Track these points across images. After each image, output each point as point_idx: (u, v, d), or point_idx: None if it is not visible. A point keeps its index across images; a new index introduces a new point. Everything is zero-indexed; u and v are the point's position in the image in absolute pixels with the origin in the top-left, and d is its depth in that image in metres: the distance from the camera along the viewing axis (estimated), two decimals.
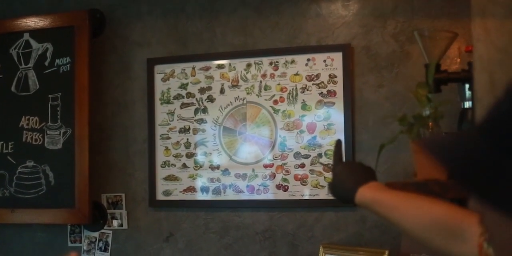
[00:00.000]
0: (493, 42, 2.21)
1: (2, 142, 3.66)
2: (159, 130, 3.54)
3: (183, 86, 3.50)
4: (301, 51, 3.31)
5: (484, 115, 0.89)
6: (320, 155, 3.23)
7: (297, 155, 3.28)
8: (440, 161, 0.90)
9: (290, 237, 3.29)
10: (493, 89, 2.20)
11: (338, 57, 3.24)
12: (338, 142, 1.97)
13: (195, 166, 3.46)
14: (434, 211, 1.54)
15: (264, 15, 3.40)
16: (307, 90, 3.28)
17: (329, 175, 3.20)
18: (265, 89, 3.35)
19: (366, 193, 1.72)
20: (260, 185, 3.33)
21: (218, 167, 3.42)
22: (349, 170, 1.84)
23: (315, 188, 3.24)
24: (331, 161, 3.19)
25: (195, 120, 3.47)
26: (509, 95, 0.87)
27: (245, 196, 3.36)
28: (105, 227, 3.62)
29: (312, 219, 3.26)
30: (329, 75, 3.25)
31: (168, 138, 3.51)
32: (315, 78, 3.27)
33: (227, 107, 3.42)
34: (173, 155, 3.50)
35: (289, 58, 3.33)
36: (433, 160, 0.89)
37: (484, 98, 2.22)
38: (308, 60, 3.29)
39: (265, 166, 3.33)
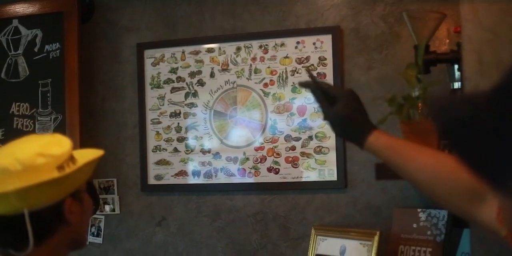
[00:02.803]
0: (481, 22, 2.22)
1: None
2: (150, 115, 3.54)
3: (173, 71, 3.50)
4: (291, 34, 3.31)
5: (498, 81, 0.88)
6: (310, 138, 3.24)
7: (287, 137, 3.29)
8: (435, 121, 0.89)
9: (281, 220, 3.31)
10: (481, 69, 2.21)
11: (327, 39, 3.25)
12: (309, 71, 1.92)
13: (186, 150, 3.46)
14: (453, 169, 1.44)
15: None
16: (297, 73, 3.29)
17: (320, 157, 3.21)
18: (255, 73, 3.35)
19: (381, 137, 1.65)
20: (251, 168, 3.34)
21: (209, 151, 3.43)
22: (356, 108, 1.75)
23: (306, 170, 3.25)
24: (321, 143, 3.21)
25: (185, 104, 3.48)
26: None
27: (237, 179, 3.37)
28: (97, 212, 3.62)
29: (304, 201, 3.27)
30: (319, 58, 3.25)
31: (159, 122, 3.52)
32: (305, 61, 3.28)
33: (217, 91, 3.42)
34: (164, 140, 3.50)
35: (278, 41, 3.33)
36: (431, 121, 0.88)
37: (472, 78, 2.23)
38: (298, 42, 3.29)
39: (256, 149, 3.34)
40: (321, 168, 3.22)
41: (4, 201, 1.54)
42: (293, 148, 3.28)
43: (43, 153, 1.58)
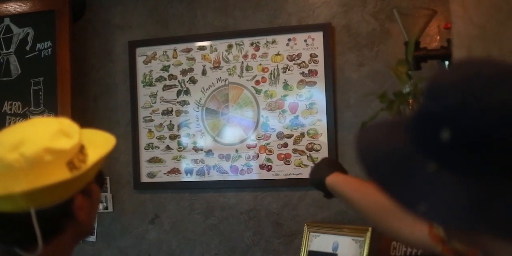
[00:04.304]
0: (471, 18, 2.23)
1: None
2: (142, 113, 3.54)
3: (165, 68, 3.51)
4: (282, 31, 3.32)
5: (413, 112, 0.96)
6: (302, 135, 3.25)
7: (279, 135, 3.30)
8: (362, 164, 0.99)
9: (274, 216, 3.31)
10: None
11: (318, 36, 3.25)
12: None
13: (179, 148, 3.47)
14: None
15: None
16: (289, 70, 3.29)
17: (312, 154, 3.22)
18: (247, 70, 3.36)
19: (336, 176, 1.98)
20: (243, 166, 3.35)
21: (201, 149, 3.43)
22: (321, 163, 2.14)
23: (298, 167, 3.26)
24: (313, 140, 3.22)
25: (177, 102, 3.48)
26: (427, 92, 0.92)
27: (229, 176, 3.38)
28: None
29: (296, 198, 3.28)
30: (310, 55, 3.26)
31: (151, 120, 3.52)
32: (296, 58, 3.28)
33: (209, 88, 3.43)
34: (156, 137, 3.51)
35: (270, 38, 3.33)
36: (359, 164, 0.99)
37: None
38: (289, 40, 3.30)
39: (249, 147, 3.35)
40: (313, 165, 3.22)
41: (10, 201, 1.43)
42: (285, 145, 3.29)
43: (51, 148, 1.44)
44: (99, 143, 1.63)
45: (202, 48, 3.45)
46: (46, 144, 1.45)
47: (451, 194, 0.88)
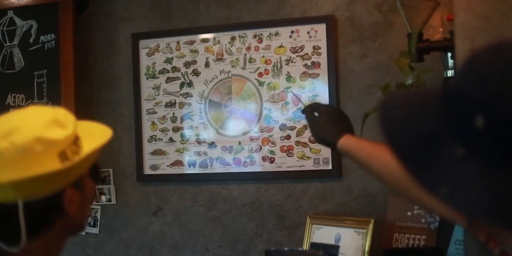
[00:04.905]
0: (474, 10, 2.22)
1: None
2: (145, 105, 3.54)
3: (168, 61, 3.51)
4: (285, 23, 3.32)
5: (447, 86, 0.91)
6: (305, 127, 3.24)
7: (282, 127, 3.30)
8: (380, 124, 0.94)
9: (277, 209, 3.32)
10: None
11: (321, 28, 3.25)
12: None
13: (182, 140, 3.47)
14: None
15: None
16: (292, 62, 3.29)
17: (315, 145, 3.22)
18: (250, 62, 3.36)
19: (349, 139, 1.85)
20: (246, 158, 3.35)
21: (204, 141, 3.43)
22: (332, 117, 1.97)
23: (301, 159, 3.26)
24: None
25: (180, 94, 3.48)
26: (466, 72, 0.89)
27: (232, 169, 3.38)
28: (94, 203, 3.63)
29: (299, 190, 3.28)
30: (313, 47, 3.26)
31: (155, 112, 3.52)
32: (299, 50, 3.28)
33: (212, 80, 3.43)
34: (159, 130, 3.51)
35: (273, 30, 3.33)
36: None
37: None
38: (292, 32, 3.30)
39: (251, 139, 3.35)
40: (316, 157, 3.23)
41: None
42: (288, 137, 3.29)
43: (42, 138, 1.39)
44: (95, 136, 1.58)
45: (205, 40, 3.45)
46: (38, 133, 1.40)
47: (476, 182, 0.85)
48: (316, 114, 2.01)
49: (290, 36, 3.30)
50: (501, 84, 0.82)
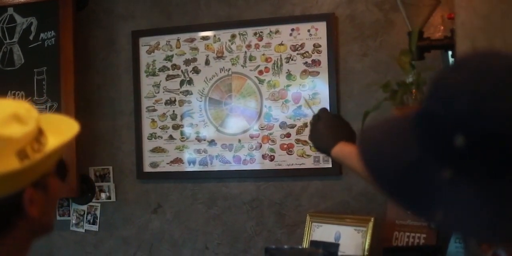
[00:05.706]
0: (475, 8, 2.22)
1: None
2: (145, 103, 3.54)
3: (168, 58, 3.50)
4: (285, 21, 3.32)
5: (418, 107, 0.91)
6: (305, 125, 3.24)
7: (282, 125, 3.30)
8: (362, 154, 0.94)
9: (277, 207, 3.32)
10: None
11: (322, 26, 3.25)
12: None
13: (182, 138, 3.47)
14: None
15: None
16: (292, 60, 3.29)
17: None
18: (250, 60, 3.36)
19: (342, 148, 1.92)
20: (246, 156, 3.35)
21: (204, 139, 3.43)
22: (329, 125, 2.05)
23: (301, 157, 3.26)
24: None
25: (180, 92, 3.48)
26: (434, 93, 0.88)
27: (232, 166, 3.38)
28: (93, 200, 3.63)
29: (299, 188, 3.28)
30: (314, 45, 3.26)
31: (154, 110, 3.52)
32: (300, 48, 3.28)
33: (212, 78, 3.42)
34: (159, 127, 3.51)
35: (273, 28, 3.33)
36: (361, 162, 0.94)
37: None
38: (293, 30, 3.29)
39: (251, 137, 3.35)
40: (316, 155, 3.23)
41: None
42: (288, 135, 3.29)
43: None
44: (61, 131, 1.47)
45: (205, 38, 3.44)
46: None
47: (469, 201, 0.83)
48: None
49: (291, 34, 3.30)
50: (470, 99, 0.82)
